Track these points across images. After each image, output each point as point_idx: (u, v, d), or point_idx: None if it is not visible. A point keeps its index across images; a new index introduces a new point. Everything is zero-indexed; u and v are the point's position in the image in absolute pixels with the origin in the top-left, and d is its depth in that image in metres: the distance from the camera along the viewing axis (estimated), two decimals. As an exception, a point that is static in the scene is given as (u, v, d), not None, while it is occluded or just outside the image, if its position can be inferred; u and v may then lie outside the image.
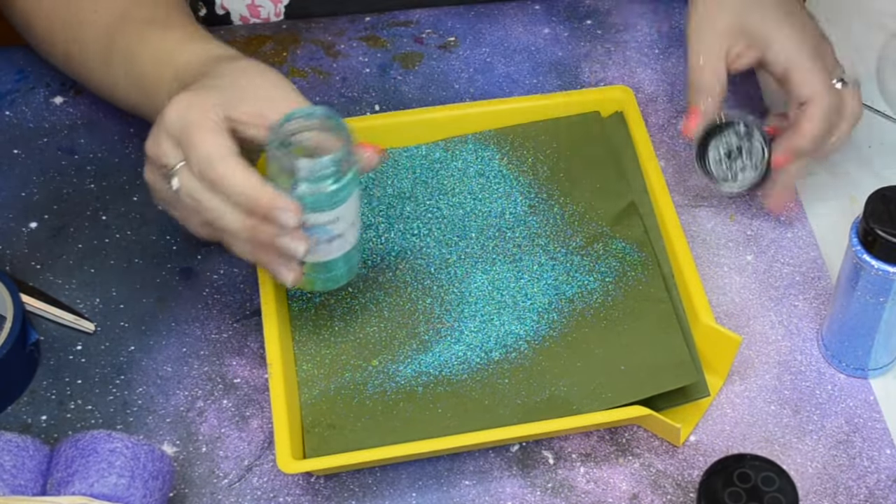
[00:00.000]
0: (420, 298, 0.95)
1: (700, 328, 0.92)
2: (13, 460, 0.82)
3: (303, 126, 0.85)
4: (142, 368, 0.95)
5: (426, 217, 0.99)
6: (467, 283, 0.96)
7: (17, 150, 1.06)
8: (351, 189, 0.85)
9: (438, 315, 0.94)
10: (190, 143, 0.84)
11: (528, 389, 0.91)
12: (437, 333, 0.93)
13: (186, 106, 0.85)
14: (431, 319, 0.94)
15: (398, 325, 0.94)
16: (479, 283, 0.96)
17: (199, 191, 0.84)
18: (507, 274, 0.96)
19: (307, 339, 0.94)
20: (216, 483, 0.90)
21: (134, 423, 0.92)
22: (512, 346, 0.93)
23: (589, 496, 0.89)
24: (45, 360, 0.95)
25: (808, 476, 0.90)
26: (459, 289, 0.96)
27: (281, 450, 0.85)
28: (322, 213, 0.85)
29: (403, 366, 0.92)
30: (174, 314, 0.97)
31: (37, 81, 1.11)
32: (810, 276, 1.00)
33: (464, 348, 0.93)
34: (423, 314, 0.94)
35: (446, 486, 0.90)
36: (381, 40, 1.14)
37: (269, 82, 0.88)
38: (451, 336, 0.93)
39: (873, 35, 1.14)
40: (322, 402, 0.91)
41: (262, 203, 0.83)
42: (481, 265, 0.97)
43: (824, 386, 0.95)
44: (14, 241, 1.01)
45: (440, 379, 0.91)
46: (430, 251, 0.98)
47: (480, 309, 0.95)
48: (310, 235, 0.85)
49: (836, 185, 1.05)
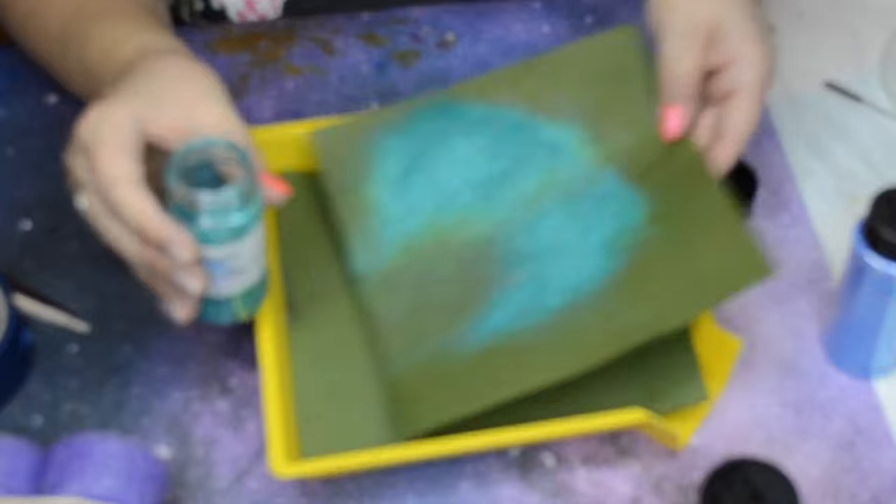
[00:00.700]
0: (478, 260, 0.93)
1: (699, 332, 0.92)
2: (7, 462, 0.81)
3: (202, 157, 0.81)
4: (137, 370, 0.94)
5: (468, 175, 0.96)
6: (525, 235, 0.93)
7: (10, 149, 1.06)
8: (254, 223, 0.81)
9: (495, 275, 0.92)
10: (94, 162, 0.80)
11: (606, 325, 0.88)
12: (499, 289, 0.91)
13: (97, 119, 0.81)
14: (489, 278, 0.92)
15: (457, 289, 0.92)
16: (538, 232, 0.93)
17: (100, 213, 0.82)
18: (564, 216, 0.93)
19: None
20: (211, 486, 0.89)
21: (129, 425, 0.91)
22: (581, 287, 0.90)
23: (589, 499, 0.89)
24: (39, 361, 0.95)
25: (811, 479, 0.89)
26: (514, 244, 0.93)
27: (275, 453, 0.84)
28: (222, 246, 0.81)
29: (469, 330, 0.90)
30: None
31: (29, 80, 1.10)
32: (812, 277, 0.99)
33: (528, 298, 0.90)
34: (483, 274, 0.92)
35: (444, 489, 0.89)
36: (379, 38, 1.14)
37: (195, 87, 0.84)
38: (514, 290, 0.91)
39: (876, 33, 1.14)
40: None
41: (154, 235, 0.79)
42: (534, 213, 0.94)
43: (827, 388, 0.94)
44: (7, 242, 1.00)
45: (508, 335, 0.89)
46: (475, 209, 0.95)
47: (542, 255, 0.92)
48: (209, 270, 0.82)
49: (838, 186, 1.05)
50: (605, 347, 0.86)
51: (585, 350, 0.87)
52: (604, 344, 0.87)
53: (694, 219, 0.91)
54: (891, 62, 1.11)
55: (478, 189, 0.95)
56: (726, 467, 0.81)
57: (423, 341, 0.90)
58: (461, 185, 0.95)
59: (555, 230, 0.93)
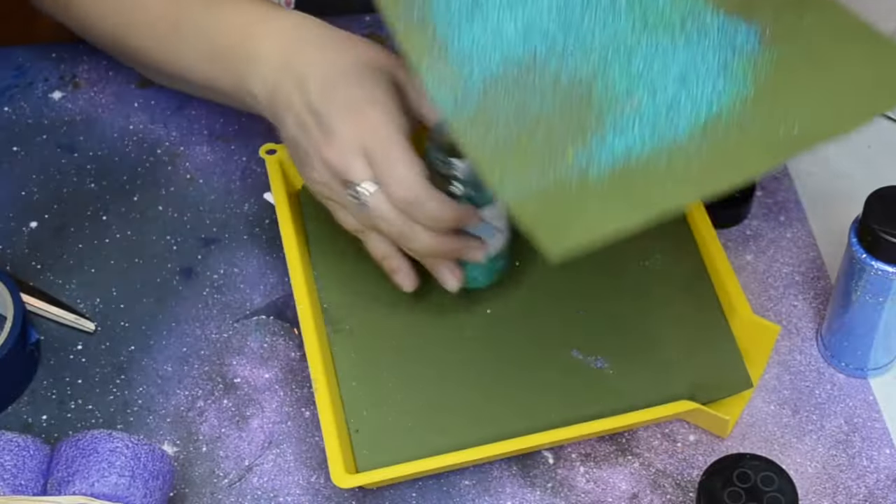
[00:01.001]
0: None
1: (738, 320, 0.93)
2: (14, 460, 0.82)
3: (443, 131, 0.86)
4: (142, 368, 0.95)
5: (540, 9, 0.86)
6: (625, 63, 0.84)
7: (16, 147, 1.06)
8: None
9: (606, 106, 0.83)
10: (386, 163, 0.84)
11: (759, 137, 0.80)
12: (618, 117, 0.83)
13: (373, 126, 0.84)
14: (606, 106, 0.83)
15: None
16: (639, 59, 0.84)
17: (390, 212, 0.84)
18: (675, 48, 0.84)
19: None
20: (216, 483, 0.90)
21: (134, 422, 0.92)
22: (711, 108, 0.82)
23: (588, 496, 0.89)
24: (45, 359, 0.95)
25: (808, 476, 0.90)
26: (615, 73, 0.84)
27: (334, 466, 0.85)
28: (488, 208, 0.87)
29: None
30: (174, 314, 0.97)
31: (35, 76, 1.11)
32: (809, 276, 1.00)
33: (651, 121, 0.82)
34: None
35: (446, 486, 0.90)
36: (382, 38, 1.14)
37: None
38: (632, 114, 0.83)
39: (873, 34, 1.14)
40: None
41: (453, 219, 0.85)
42: (632, 42, 0.85)
43: (824, 386, 0.95)
44: (14, 241, 1.01)
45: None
46: (558, 41, 0.85)
47: (652, 79, 0.83)
48: (480, 234, 0.88)
49: (836, 185, 1.05)
50: (765, 158, 0.79)
51: (742, 162, 0.79)
52: (762, 155, 0.79)
53: (819, 35, 0.84)
54: (888, 63, 1.12)
55: (560, 18, 0.86)
56: (725, 462, 0.81)
57: (538, 167, 0.81)
58: (539, 15, 0.86)
59: (660, 56, 0.84)
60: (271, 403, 0.93)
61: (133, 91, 1.10)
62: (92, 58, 1.11)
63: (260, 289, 0.99)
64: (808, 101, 0.81)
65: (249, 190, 1.04)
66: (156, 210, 1.03)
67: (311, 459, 0.91)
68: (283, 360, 0.95)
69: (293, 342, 0.96)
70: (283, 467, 0.90)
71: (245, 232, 1.02)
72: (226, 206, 1.03)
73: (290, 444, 0.91)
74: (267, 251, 1.01)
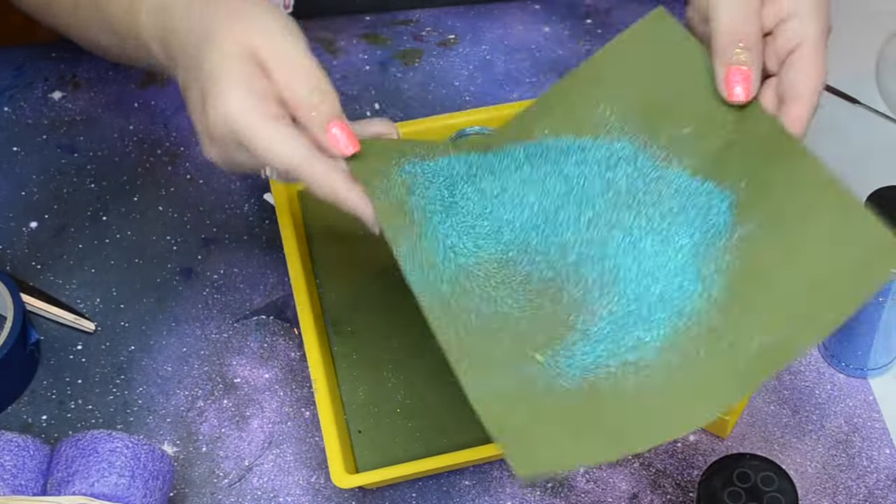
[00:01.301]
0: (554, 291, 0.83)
1: None
2: (13, 460, 0.82)
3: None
4: (142, 368, 0.95)
5: (517, 203, 0.86)
6: (597, 256, 0.83)
7: (16, 147, 1.07)
8: None
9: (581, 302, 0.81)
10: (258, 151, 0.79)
11: (730, 359, 0.75)
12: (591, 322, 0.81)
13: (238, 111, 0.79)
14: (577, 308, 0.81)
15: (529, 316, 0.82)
16: (611, 251, 0.83)
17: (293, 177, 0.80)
18: (646, 237, 0.82)
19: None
20: (216, 483, 0.90)
21: (134, 422, 0.92)
22: (682, 311, 0.78)
23: (588, 496, 0.89)
24: (45, 359, 0.95)
25: (808, 476, 0.90)
26: (587, 267, 0.83)
27: (334, 467, 0.84)
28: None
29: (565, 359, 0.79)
30: (174, 314, 0.97)
31: (35, 76, 1.11)
32: (810, 275, 1.00)
33: (619, 327, 0.79)
34: (565, 305, 0.82)
35: (446, 486, 0.90)
36: (382, 37, 1.14)
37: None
38: (602, 316, 0.81)
39: (872, 35, 1.15)
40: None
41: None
42: (603, 232, 0.83)
43: (824, 386, 0.95)
44: (14, 241, 1.01)
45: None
46: (532, 237, 0.85)
47: (630, 286, 0.81)
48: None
49: (836, 185, 1.05)
50: (737, 387, 0.74)
51: (715, 394, 0.74)
52: (734, 383, 0.74)
53: (790, 199, 0.79)
54: (886, 64, 1.12)
55: (532, 216, 0.86)
56: (725, 462, 0.81)
57: (503, 368, 0.79)
58: (513, 213, 0.86)
59: (631, 248, 0.83)
60: (271, 403, 0.93)
61: (133, 91, 1.10)
62: (92, 58, 1.11)
63: (260, 289, 0.99)
64: (783, 301, 0.76)
65: (249, 190, 1.05)
66: (156, 210, 1.03)
67: (311, 459, 0.91)
68: (283, 360, 0.95)
69: (293, 342, 0.96)
70: (283, 467, 0.90)
71: (245, 232, 1.02)
72: (226, 206, 1.04)
73: (290, 444, 0.91)
74: (267, 251, 1.01)
